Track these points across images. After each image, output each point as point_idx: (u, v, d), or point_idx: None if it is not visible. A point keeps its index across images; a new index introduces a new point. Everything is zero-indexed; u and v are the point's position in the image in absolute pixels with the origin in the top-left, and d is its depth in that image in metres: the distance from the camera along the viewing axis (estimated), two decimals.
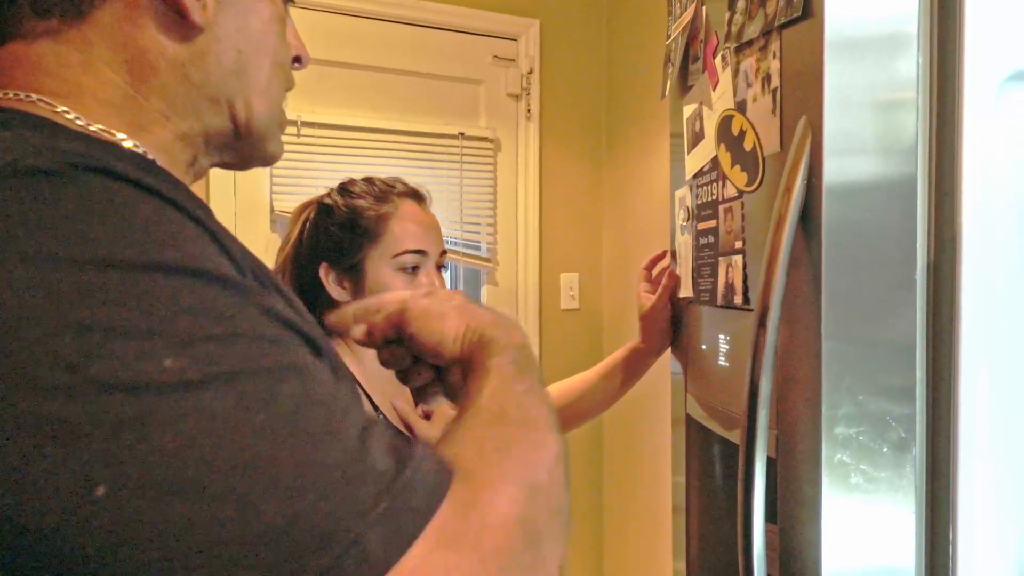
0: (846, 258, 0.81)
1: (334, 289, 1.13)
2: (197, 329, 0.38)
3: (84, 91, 0.51)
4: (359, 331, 0.67)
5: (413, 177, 1.27)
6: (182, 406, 0.36)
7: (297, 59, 0.65)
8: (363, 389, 1.10)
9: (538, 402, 0.54)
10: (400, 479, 0.40)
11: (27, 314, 0.36)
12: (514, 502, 0.43)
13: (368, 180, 1.18)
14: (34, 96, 0.50)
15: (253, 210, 2.08)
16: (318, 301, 1.15)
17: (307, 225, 1.18)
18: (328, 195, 1.18)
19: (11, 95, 0.50)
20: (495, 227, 2.49)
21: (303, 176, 2.06)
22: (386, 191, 1.16)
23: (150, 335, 0.37)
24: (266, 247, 2.06)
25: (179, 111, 0.55)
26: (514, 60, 2.51)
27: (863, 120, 0.82)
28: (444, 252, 1.20)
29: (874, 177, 0.83)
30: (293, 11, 0.66)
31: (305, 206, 1.21)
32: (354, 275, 1.13)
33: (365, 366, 1.13)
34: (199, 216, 0.44)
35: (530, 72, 2.52)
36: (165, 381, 0.36)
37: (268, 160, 0.64)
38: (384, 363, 0.68)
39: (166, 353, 0.37)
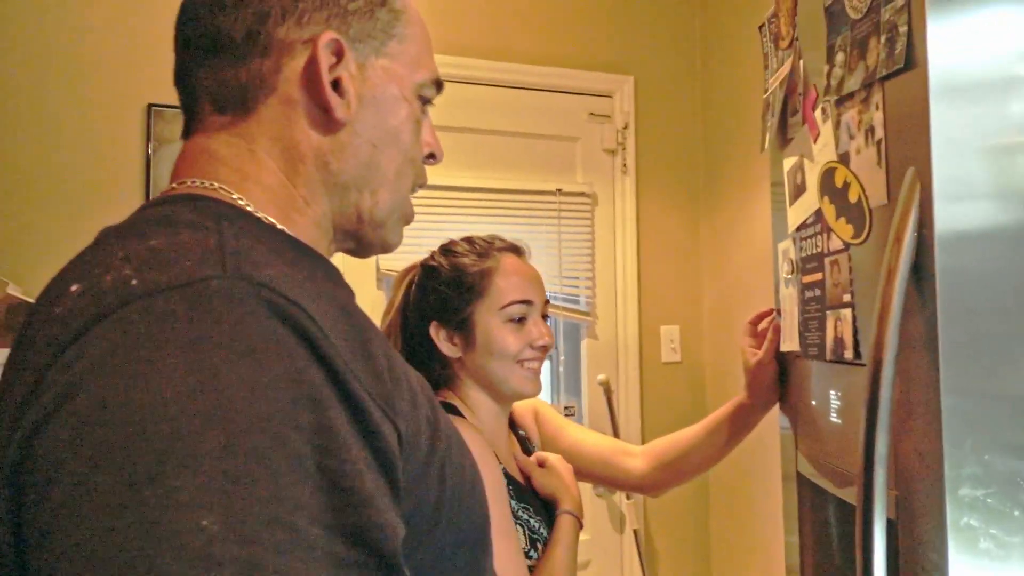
0: (964, 309, 0.78)
1: (445, 346, 1.17)
2: (251, 502, 0.40)
3: (250, 178, 0.58)
4: None
5: (512, 233, 1.30)
6: (186, 571, 0.37)
7: (431, 156, 0.70)
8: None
9: None
10: None
11: (130, 421, 0.40)
12: None
13: (468, 239, 1.23)
14: (216, 184, 0.57)
15: (362, 270, 2.17)
16: (430, 358, 1.18)
17: (413, 287, 1.22)
18: (431, 257, 1.23)
19: (197, 183, 0.58)
20: (594, 281, 2.50)
21: (409, 236, 2.12)
22: (487, 247, 1.20)
23: (207, 489, 0.39)
24: (372, 306, 2.14)
25: (316, 197, 0.61)
26: (609, 116, 2.55)
27: (975, 167, 0.80)
28: (547, 302, 1.23)
29: (990, 225, 0.80)
30: None
31: (408, 270, 1.26)
32: (464, 331, 1.16)
33: (485, 425, 1.17)
34: (338, 369, 0.47)
35: (625, 127, 2.55)
36: (188, 543, 0.38)
37: (387, 248, 0.68)
38: None
39: (209, 515, 0.39)
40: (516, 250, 1.23)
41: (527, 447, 1.29)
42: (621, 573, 2.45)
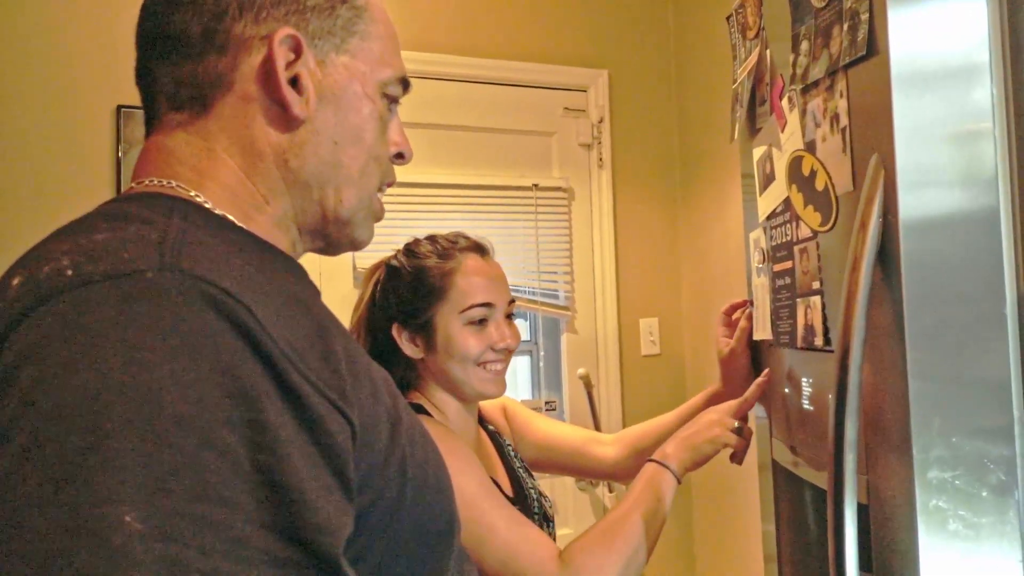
0: (929, 294, 0.79)
1: (407, 347, 1.16)
2: (177, 499, 0.40)
3: (208, 176, 0.58)
4: None
5: (490, 229, 1.29)
6: (106, 569, 0.37)
7: (400, 155, 0.70)
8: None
9: None
10: None
11: (56, 415, 0.40)
12: None
13: (431, 239, 1.21)
14: (174, 183, 0.57)
15: (337, 267, 2.15)
16: (394, 358, 1.18)
17: (377, 287, 1.21)
18: (394, 257, 1.21)
19: (156, 182, 0.57)
20: (572, 275, 2.50)
21: (384, 234, 2.11)
22: (449, 248, 1.19)
23: (130, 484, 0.39)
24: (347, 302, 2.12)
25: (276, 196, 0.60)
26: (584, 110, 2.55)
27: (938, 153, 0.80)
28: (512, 301, 1.22)
29: (954, 210, 0.80)
30: None
31: (376, 268, 1.24)
32: (425, 332, 1.15)
33: (453, 424, 1.17)
34: (276, 362, 0.46)
35: (600, 121, 2.55)
36: (108, 539, 0.38)
37: (356, 245, 0.68)
38: None
39: (133, 508, 0.38)
40: (480, 249, 1.21)
41: (499, 441, 1.29)
42: None
